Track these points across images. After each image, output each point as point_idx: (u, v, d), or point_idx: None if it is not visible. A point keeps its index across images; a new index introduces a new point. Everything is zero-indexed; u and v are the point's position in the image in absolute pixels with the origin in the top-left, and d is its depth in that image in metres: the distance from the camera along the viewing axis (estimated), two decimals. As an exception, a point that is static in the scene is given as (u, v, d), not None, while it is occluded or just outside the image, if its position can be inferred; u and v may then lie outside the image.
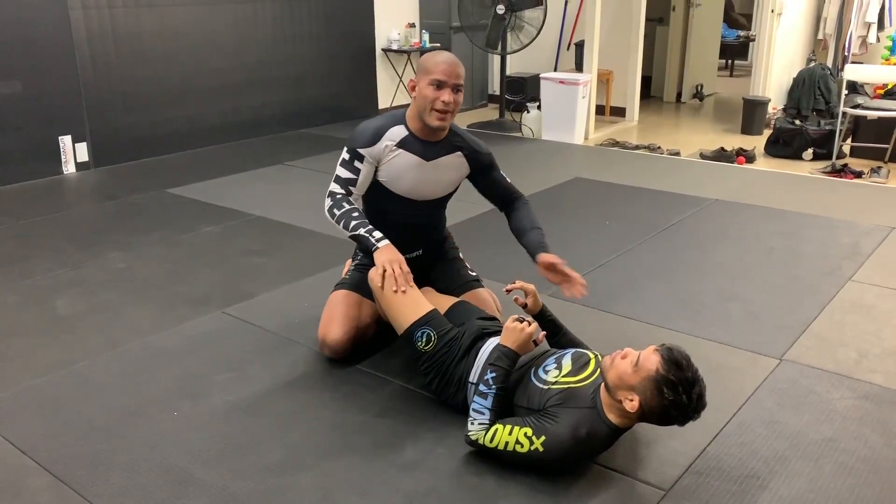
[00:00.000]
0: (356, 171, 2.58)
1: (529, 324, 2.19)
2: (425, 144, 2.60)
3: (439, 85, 2.48)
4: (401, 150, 2.59)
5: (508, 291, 2.45)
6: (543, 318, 2.46)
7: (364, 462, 2.18)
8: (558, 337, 2.46)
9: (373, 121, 2.64)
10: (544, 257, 2.58)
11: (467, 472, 2.12)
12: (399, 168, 2.60)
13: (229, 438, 2.29)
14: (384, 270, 2.40)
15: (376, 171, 2.61)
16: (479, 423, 2.11)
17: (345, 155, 2.60)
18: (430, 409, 2.42)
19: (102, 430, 2.33)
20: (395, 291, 2.38)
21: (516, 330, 2.17)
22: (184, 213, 4.44)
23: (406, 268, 2.43)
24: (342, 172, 2.60)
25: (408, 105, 2.63)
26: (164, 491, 2.06)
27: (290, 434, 2.31)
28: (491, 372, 2.13)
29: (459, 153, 2.67)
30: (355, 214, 2.53)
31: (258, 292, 3.34)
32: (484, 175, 2.74)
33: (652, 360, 1.93)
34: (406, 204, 2.68)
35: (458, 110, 2.57)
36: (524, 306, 2.44)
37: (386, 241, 2.49)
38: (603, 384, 2.03)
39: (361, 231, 2.51)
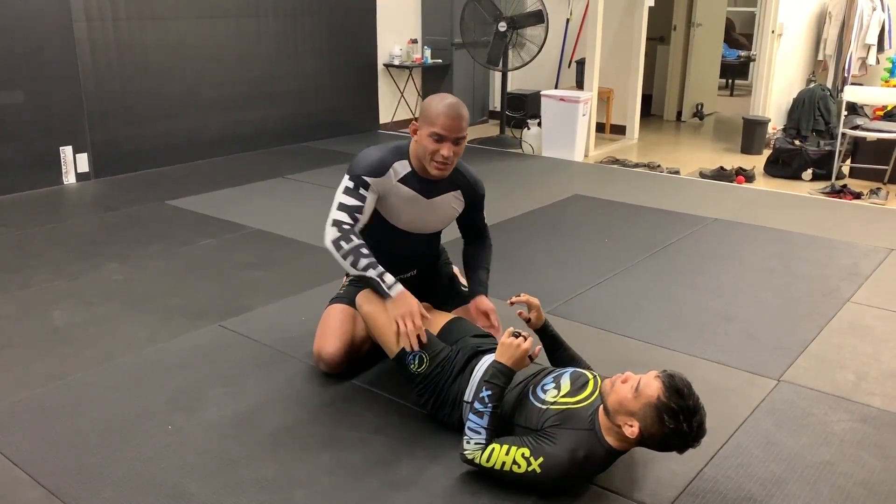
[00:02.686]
0: (362, 199, 2.47)
1: (525, 338, 2.17)
2: (425, 182, 2.56)
3: (439, 138, 2.40)
4: (402, 186, 2.54)
5: (512, 304, 2.44)
6: (545, 333, 2.45)
7: (358, 479, 2.16)
8: (559, 353, 2.45)
9: (377, 150, 2.55)
10: (483, 302, 2.63)
11: (462, 491, 2.10)
12: (398, 203, 2.56)
13: (223, 453, 2.27)
14: (398, 328, 2.33)
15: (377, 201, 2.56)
16: (476, 443, 2.09)
17: (348, 182, 2.49)
18: (426, 427, 2.40)
19: (96, 443, 2.31)
20: (410, 349, 2.33)
21: (512, 346, 2.15)
22: (182, 226, 4.44)
23: (419, 321, 2.35)
24: (347, 200, 2.47)
25: (408, 136, 2.58)
26: (156, 506, 2.04)
27: (284, 449, 2.29)
28: (486, 390, 2.11)
29: (459, 191, 2.65)
30: (364, 252, 2.41)
31: (255, 306, 3.33)
32: (470, 210, 2.73)
33: (653, 387, 1.91)
34: (402, 236, 2.65)
35: (458, 159, 2.51)
36: (528, 321, 2.43)
37: (399, 288, 2.39)
38: (602, 407, 2.02)
39: (372, 273, 2.39)
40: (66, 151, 5.25)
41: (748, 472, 2.21)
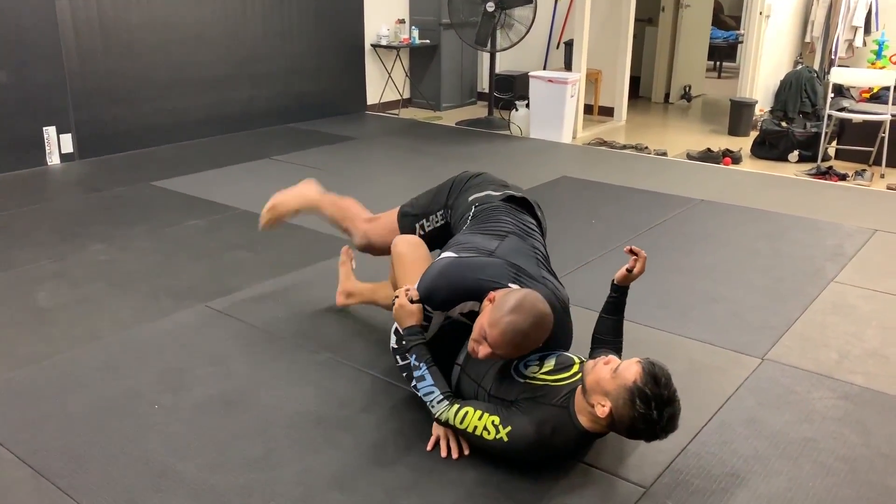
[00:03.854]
0: (427, 319, 2.28)
1: (397, 296, 2.26)
2: None
3: (488, 339, 2.06)
4: (460, 317, 2.31)
5: (629, 250, 2.35)
6: (620, 293, 2.38)
7: (345, 457, 2.17)
8: (612, 318, 2.39)
9: (453, 281, 2.22)
10: None
11: (448, 468, 2.12)
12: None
13: (210, 432, 2.28)
14: (437, 438, 2.22)
15: None
16: (437, 401, 2.14)
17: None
18: (414, 405, 2.41)
19: (82, 423, 2.31)
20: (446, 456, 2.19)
21: (402, 310, 2.23)
22: (168, 207, 4.41)
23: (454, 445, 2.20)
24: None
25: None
26: (144, 484, 2.04)
27: (271, 429, 2.30)
28: (411, 355, 2.19)
29: None
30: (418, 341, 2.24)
31: (242, 286, 3.32)
32: None
33: (632, 370, 1.91)
34: None
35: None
36: (630, 270, 2.34)
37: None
38: (580, 386, 2.03)
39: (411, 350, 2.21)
40: (50, 132, 5.20)
41: (732, 449, 2.24)
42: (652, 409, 1.86)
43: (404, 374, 2.29)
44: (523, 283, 2.21)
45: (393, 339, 2.34)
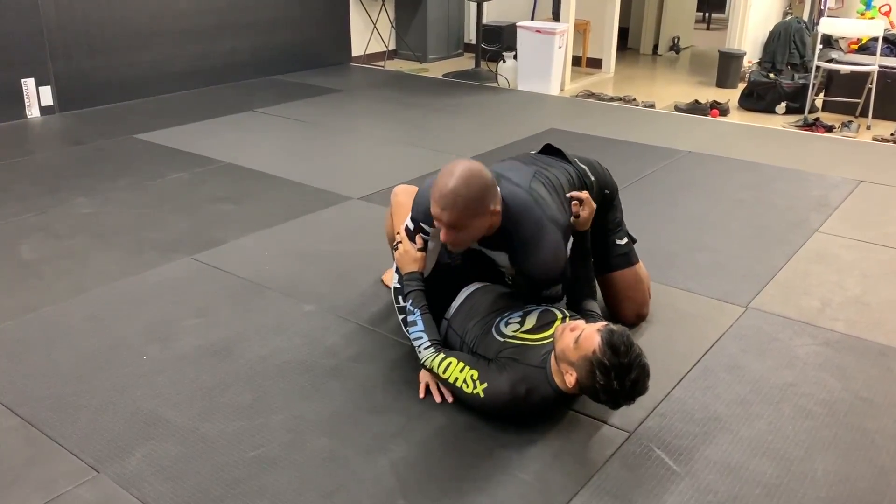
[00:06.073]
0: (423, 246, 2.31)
1: (399, 241, 2.30)
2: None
3: (436, 220, 2.10)
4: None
5: (571, 197, 2.32)
6: (582, 238, 2.36)
7: (334, 404, 2.19)
8: (576, 262, 2.35)
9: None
10: None
11: (438, 413, 2.15)
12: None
13: (199, 382, 2.29)
14: (426, 385, 2.24)
15: None
16: (425, 348, 2.16)
17: (409, 222, 2.32)
18: (402, 355, 2.43)
19: (70, 374, 2.31)
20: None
21: (406, 255, 2.26)
22: (152, 160, 4.36)
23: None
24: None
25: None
26: (133, 432, 2.06)
27: (260, 378, 2.31)
28: (406, 300, 2.23)
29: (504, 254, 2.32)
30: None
31: (228, 239, 3.30)
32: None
33: (592, 340, 1.89)
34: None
35: (472, 240, 2.15)
36: (576, 216, 2.32)
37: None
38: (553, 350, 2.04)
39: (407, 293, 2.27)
40: (29, 84, 5.09)
41: (714, 394, 2.28)
42: (612, 380, 1.86)
43: (401, 317, 2.30)
44: (502, 185, 2.17)
45: (395, 277, 2.34)
